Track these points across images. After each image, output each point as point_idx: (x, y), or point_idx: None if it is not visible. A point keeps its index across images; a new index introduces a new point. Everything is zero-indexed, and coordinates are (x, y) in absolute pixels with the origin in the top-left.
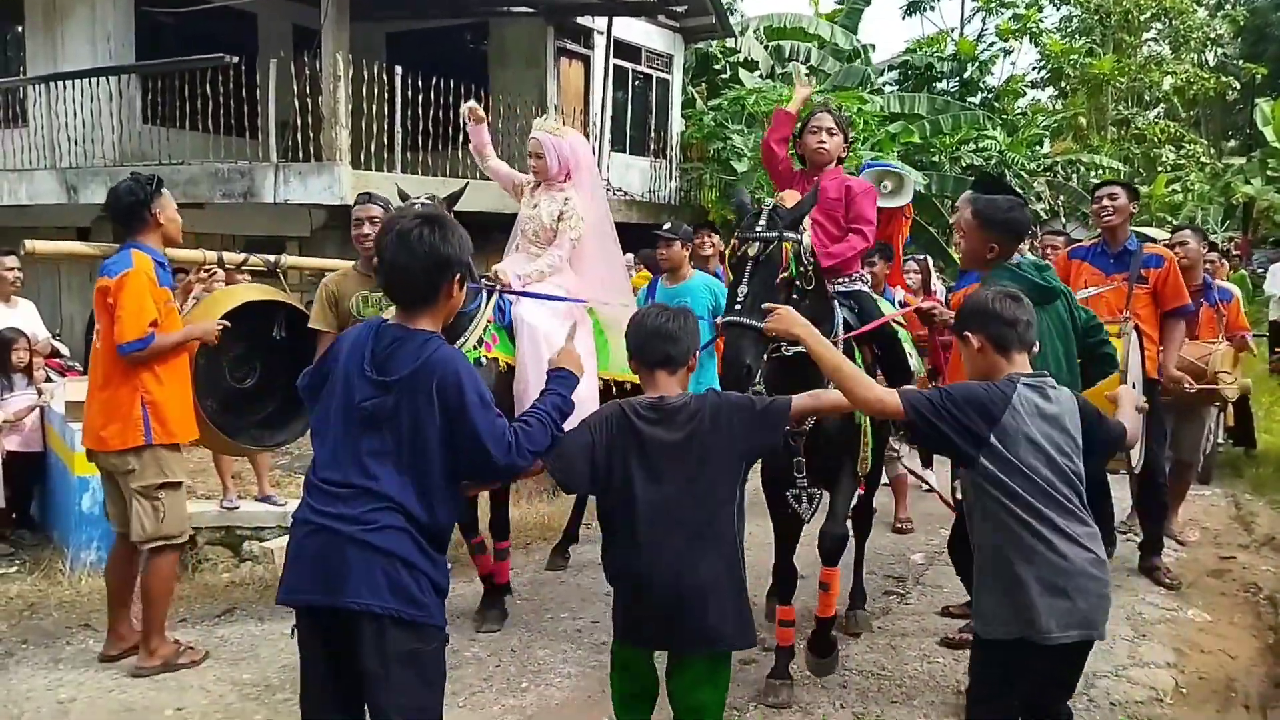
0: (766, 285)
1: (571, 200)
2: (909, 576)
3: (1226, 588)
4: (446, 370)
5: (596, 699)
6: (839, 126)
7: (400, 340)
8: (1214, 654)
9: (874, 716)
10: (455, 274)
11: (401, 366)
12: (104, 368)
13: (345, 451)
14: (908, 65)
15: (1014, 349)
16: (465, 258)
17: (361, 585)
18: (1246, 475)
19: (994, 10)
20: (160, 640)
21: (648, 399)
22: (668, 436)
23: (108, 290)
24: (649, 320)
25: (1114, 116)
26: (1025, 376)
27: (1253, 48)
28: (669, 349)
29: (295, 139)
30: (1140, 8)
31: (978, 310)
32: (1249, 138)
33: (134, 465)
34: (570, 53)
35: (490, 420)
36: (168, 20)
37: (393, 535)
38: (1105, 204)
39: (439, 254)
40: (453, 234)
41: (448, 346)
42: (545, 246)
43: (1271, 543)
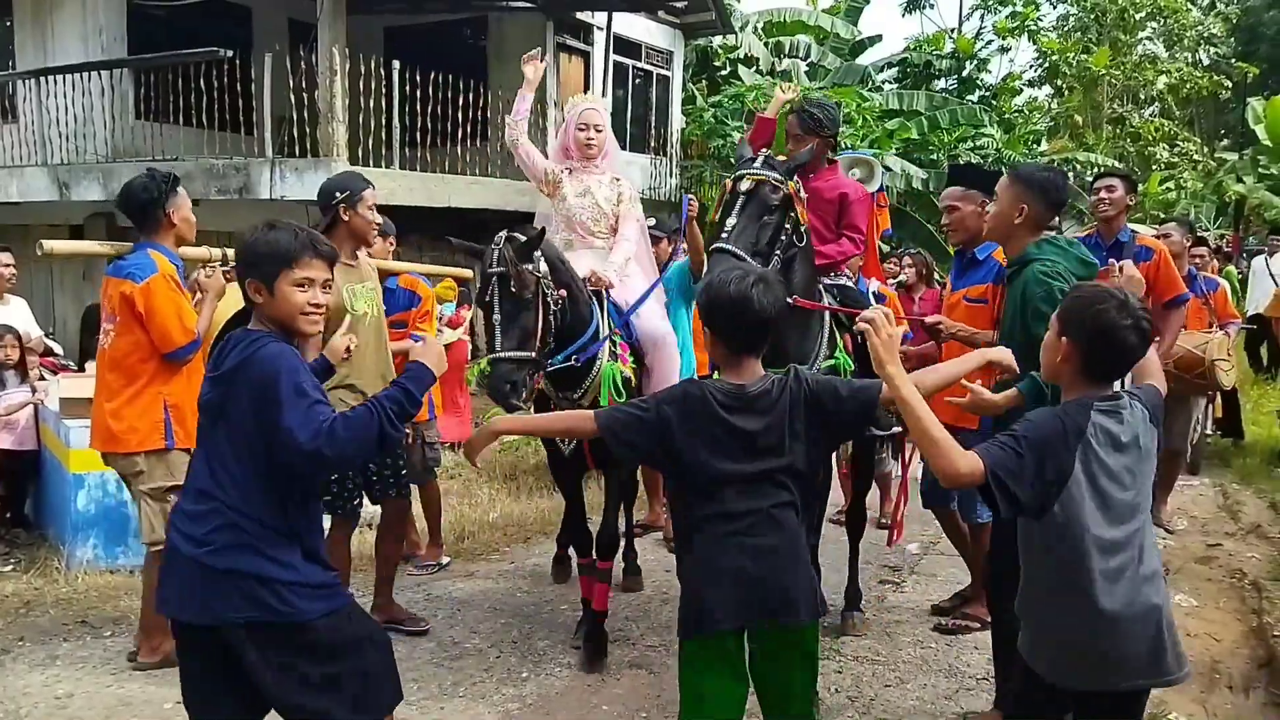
0: (754, 219)
1: (623, 181)
2: (904, 566)
3: (1213, 574)
4: (265, 363)
5: (596, 688)
6: (809, 131)
7: (237, 341)
8: (1201, 637)
9: (868, 700)
10: (246, 277)
11: (229, 361)
12: (122, 370)
13: (196, 458)
14: (907, 62)
15: (1103, 381)
16: (254, 260)
17: (214, 602)
18: (1234, 466)
19: (992, 8)
20: (163, 636)
21: (727, 385)
22: (749, 425)
23: (132, 296)
24: (731, 287)
25: (1109, 115)
26: (1099, 401)
27: (1245, 46)
28: (760, 341)
29: (291, 134)
30: (1136, 6)
31: (1094, 323)
32: (1241, 136)
33: (143, 467)
34: (570, 49)
35: (303, 408)
36: (160, 14)
37: (233, 554)
38: (1103, 196)
39: (241, 259)
40: (251, 239)
41: (276, 343)
42: (608, 233)
43: (1257, 531)
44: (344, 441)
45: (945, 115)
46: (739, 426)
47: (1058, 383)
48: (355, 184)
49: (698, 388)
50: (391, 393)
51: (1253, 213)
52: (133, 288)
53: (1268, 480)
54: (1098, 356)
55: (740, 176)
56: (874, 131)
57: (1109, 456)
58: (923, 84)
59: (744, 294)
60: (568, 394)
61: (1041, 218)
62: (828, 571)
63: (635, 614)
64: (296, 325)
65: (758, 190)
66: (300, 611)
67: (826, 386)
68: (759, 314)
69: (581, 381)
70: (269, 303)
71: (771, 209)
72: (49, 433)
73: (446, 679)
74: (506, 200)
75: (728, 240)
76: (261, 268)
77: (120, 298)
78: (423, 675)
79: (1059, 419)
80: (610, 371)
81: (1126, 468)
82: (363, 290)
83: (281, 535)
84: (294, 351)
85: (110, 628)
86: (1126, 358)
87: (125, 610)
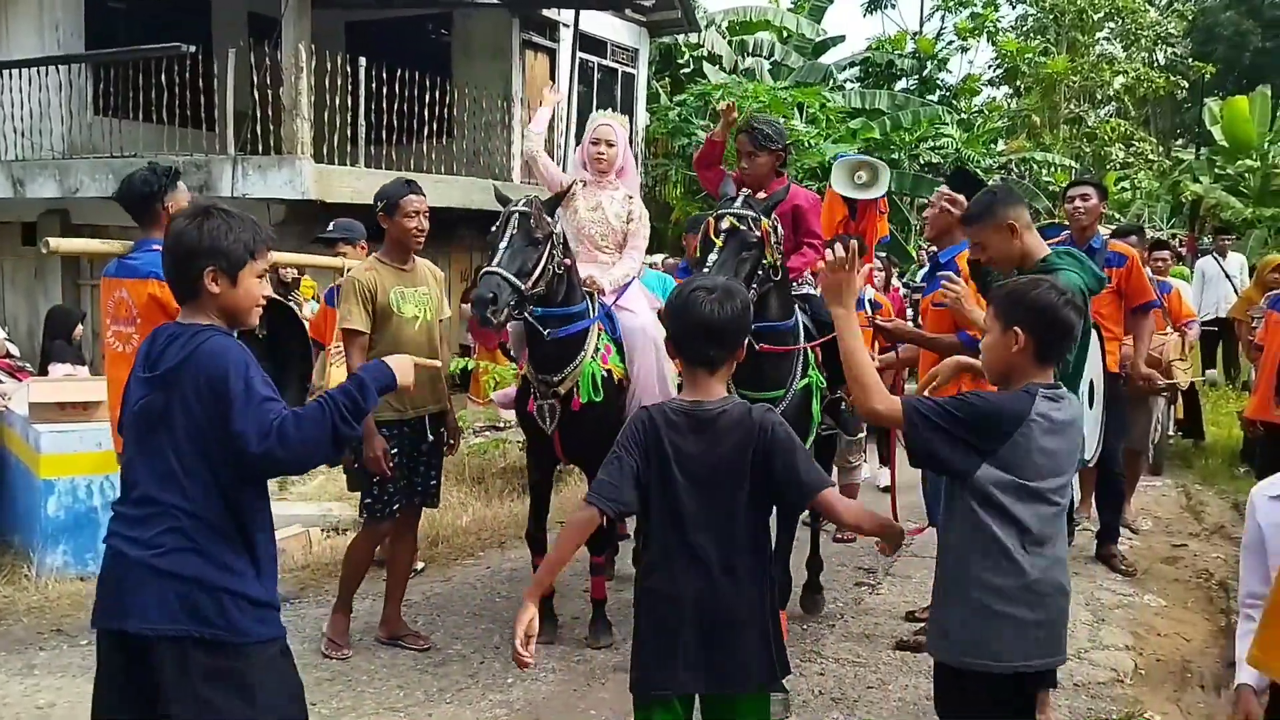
0: (734, 255)
1: (635, 200)
2: (879, 568)
3: (1180, 574)
4: (213, 359)
5: (582, 692)
6: (758, 146)
7: (174, 336)
8: (1170, 637)
9: (851, 701)
10: (205, 265)
11: (170, 360)
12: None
13: (134, 464)
14: (869, 62)
15: (1052, 364)
16: (222, 247)
17: (151, 609)
18: (1196, 466)
19: (953, 9)
20: None
21: (681, 404)
22: (699, 448)
23: (162, 295)
24: (694, 305)
25: (1066, 115)
26: (1044, 387)
27: (1202, 47)
28: (714, 351)
29: (254, 131)
30: (1094, 7)
31: (1039, 308)
32: (1197, 136)
33: None
34: (536, 45)
35: (253, 406)
36: (118, 7)
37: (179, 557)
38: (1078, 204)
39: (187, 245)
40: (205, 224)
41: (222, 337)
42: (614, 249)
43: (1221, 531)
44: (296, 442)
45: (907, 115)
46: (689, 451)
47: (1007, 378)
48: (395, 191)
49: (646, 413)
50: (345, 387)
51: (1208, 213)
52: (161, 286)
53: (1229, 481)
54: (1046, 338)
55: (722, 215)
56: (837, 131)
57: (1046, 439)
58: (884, 84)
59: (694, 301)
60: (548, 377)
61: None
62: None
63: (617, 619)
64: (249, 318)
65: (738, 229)
66: (238, 631)
67: (782, 448)
68: (705, 321)
69: (563, 366)
70: (228, 293)
71: (750, 246)
72: (15, 438)
73: (432, 685)
74: (472, 198)
75: (710, 275)
76: (229, 257)
77: (149, 299)
78: (408, 682)
79: (1002, 401)
80: (590, 369)
81: (1060, 449)
82: (414, 294)
83: (232, 541)
84: (239, 344)
85: (86, 635)
86: (1071, 334)
87: None
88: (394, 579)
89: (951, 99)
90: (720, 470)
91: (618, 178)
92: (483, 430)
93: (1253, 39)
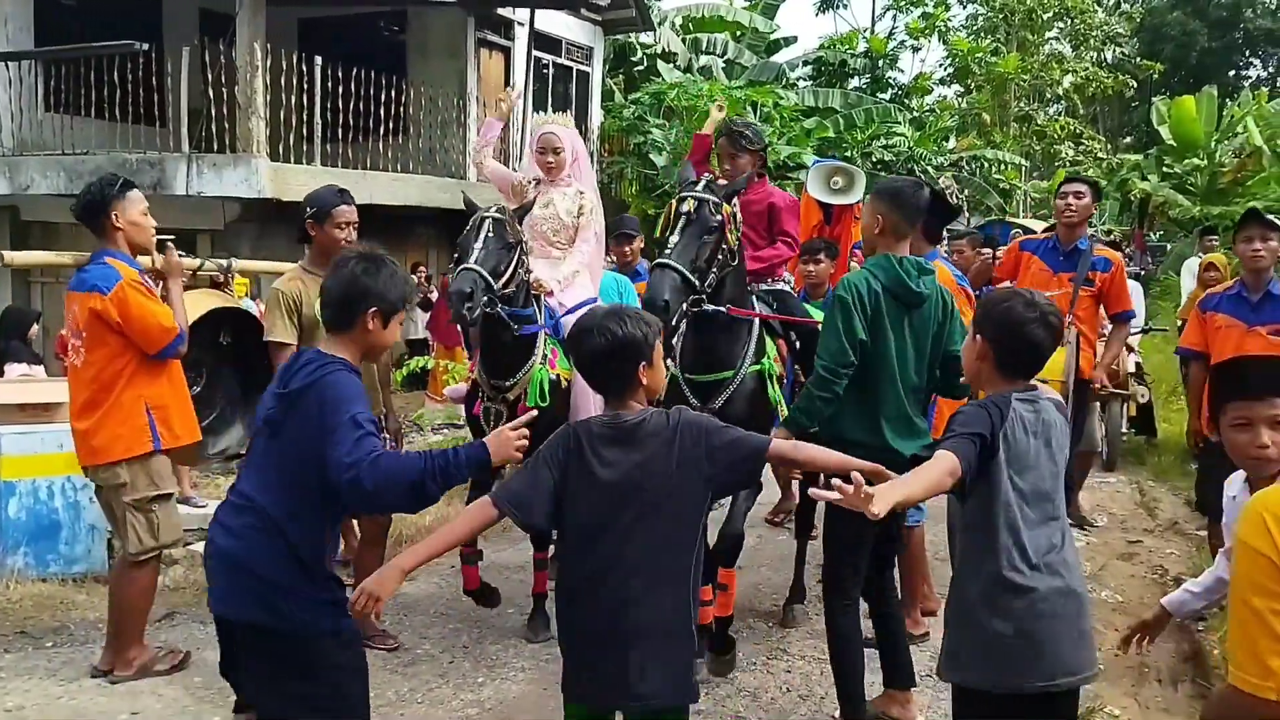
0: (695, 238)
1: (586, 194)
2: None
3: (1135, 570)
4: (331, 389)
5: (552, 691)
6: (740, 149)
7: (309, 361)
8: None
9: (818, 698)
10: (371, 307)
11: (300, 380)
12: (101, 383)
13: (250, 465)
14: (821, 61)
15: (1018, 375)
16: (390, 295)
17: (229, 594)
18: (1148, 463)
19: (904, 8)
20: (139, 649)
21: (603, 417)
22: (624, 459)
23: (105, 310)
24: (585, 343)
25: (1016, 113)
26: (1021, 392)
27: (1150, 46)
28: (608, 380)
29: (209, 129)
30: (1044, 6)
31: (1003, 319)
32: (1145, 135)
33: (125, 478)
34: (491, 44)
35: (352, 439)
36: (69, 3)
37: (258, 552)
38: (1070, 201)
39: (362, 286)
40: (382, 271)
41: (346, 374)
42: (567, 245)
43: (1174, 527)
44: (382, 478)
45: (860, 113)
46: (609, 459)
47: (978, 381)
48: (327, 199)
49: (571, 429)
50: (447, 454)
51: (1157, 211)
52: (102, 300)
53: (1181, 477)
54: (1009, 351)
55: (683, 198)
56: (792, 130)
57: (1027, 441)
58: (837, 83)
59: (580, 341)
60: (498, 382)
61: (898, 226)
62: (769, 572)
63: None
64: (379, 356)
65: (699, 211)
66: (305, 624)
67: (711, 431)
68: (591, 356)
69: (514, 372)
70: (378, 333)
71: (711, 229)
72: None
73: (403, 686)
74: (428, 197)
75: (669, 257)
76: (393, 305)
77: (90, 313)
78: (377, 682)
79: (984, 408)
80: (539, 375)
81: (1041, 453)
82: None
83: (305, 551)
84: (359, 384)
85: (51, 638)
86: (1037, 352)
87: (64, 620)
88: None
89: (903, 98)
90: (647, 478)
91: (571, 177)
92: (441, 428)
93: (1199, 39)
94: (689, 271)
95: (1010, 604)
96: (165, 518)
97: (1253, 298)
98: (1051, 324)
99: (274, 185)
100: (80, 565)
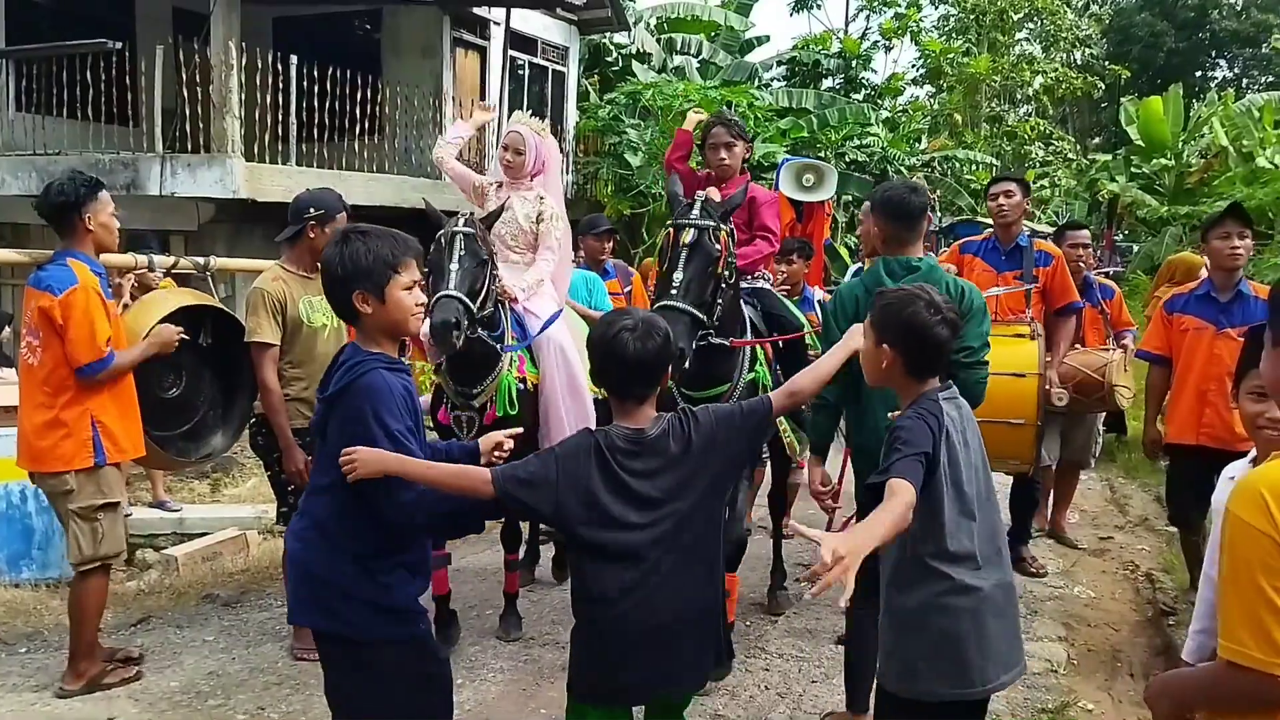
0: (700, 271)
1: (547, 200)
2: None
3: (1107, 566)
4: (359, 398)
5: (531, 692)
6: (735, 136)
7: (344, 361)
8: (1100, 628)
9: (796, 696)
10: (354, 289)
11: (334, 385)
12: (50, 385)
13: (311, 467)
14: (795, 61)
15: (929, 375)
16: (363, 269)
17: (293, 596)
18: (1119, 460)
19: (877, 9)
20: (89, 662)
21: (623, 431)
22: (650, 469)
23: (51, 309)
24: (621, 346)
25: (987, 114)
26: (942, 391)
27: (1118, 48)
28: (645, 389)
29: (183, 129)
30: (1014, 8)
31: (903, 323)
32: (1113, 135)
33: (72, 485)
34: (466, 43)
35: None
36: (40, 1)
37: (315, 555)
38: (1001, 201)
39: (333, 274)
40: (345, 251)
41: (377, 374)
42: (526, 250)
43: (1145, 523)
44: (425, 515)
45: (834, 113)
46: (640, 471)
47: (889, 387)
48: (334, 206)
49: (592, 438)
50: (462, 504)
51: (1125, 210)
52: (51, 301)
53: (1151, 474)
54: (916, 356)
55: (682, 226)
56: (767, 130)
57: (958, 441)
58: (811, 83)
59: (619, 342)
60: (465, 389)
61: (899, 234)
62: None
63: (561, 617)
64: (408, 328)
65: (700, 241)
66: (361, 629)
67: (720, 418)
68: (630, 359)
69: (481, 379)
70: (379, 311)
71: (715, 259)
72: None
73: None
74: (404, 197)
75: (677, 297)
76: (371, 278)
77: (39, 312)
78: None
79: (923, 419)
80: (507, 382)
81: (970, 448)
82: (322, 304)
83: (360, 547)
84: (390, 386)
85: (25, 644)
86: (942, 351)
87: (38, 625)
88: None
89: (876, 98)
90: (678, 483)
91: (533, 179)
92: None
93: (1166, 40)
94: (698, 311)
95: (961, 605)
96: (110, 528)
97: (1222, 298)
98: (952, 320)
99: (249, 185)
100: (54, 571)
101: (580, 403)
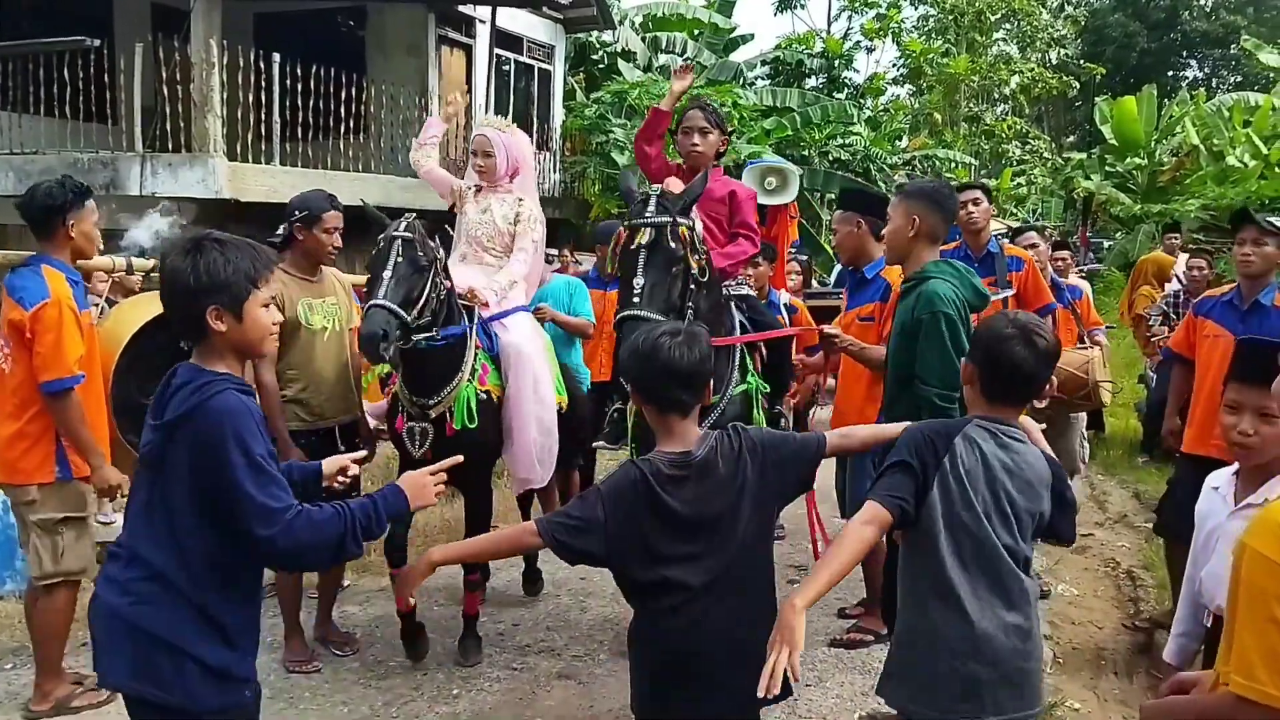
0: (662, 274)
1: (525, 201)
2: (809, 566)
3: (1089, 564)
4: (211, 422)
5: (527, 700)
6: (712, 124)
7: (184, 383)
8: (1083, 625)
9: (791, 699)
10: (207, 305)
11: (175, 409)
12: (20, 397)
13: (131, 507)
14: (779, 61)
15: (1005, 402)
16: (219, 282)
17: (113, 659)
18: (1097, 457)
19: (859, 10)
20: (54, 681)
21: (669, 456)
22: (700, 494)
23: (21, 324)
24: (658, 352)
25: (966, 113)
26: (982, 419)
27: (1093, 48)
28: (690, 397)
29: (164, 128)
30: (992, 9)
31: (984, 339)
32: (1088, 134)
33: (35, 496)
34: (452, 41)
35: (259, 485)
36: None
37: (148, 610)
38: (971, 210)
39: (183, 286)
40: (199, 262)
41: (229, 395)
42: (501, 253)
43: (1124, 520)
44: (303, 543)
45: (817, 112)
46: (689, 498)
47: (970, 407)
48: (318, 205)
49: (636, 469)
50: (364, 505)
51: (1099, 208)
52: (21, 314)
53: (1129, 471)
54: (991, 373)
55: (637, 227)
56: (751, 130)
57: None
58: (794, 82)
59: (660, 347)
60: (422, 400)
61: (935, 229)
62: None
63: (557, 624)
64: (263, 348)
65: (659, 240)
66: (188, 698)
67: (771, 441)
68: (674, 367)
69: (439, 389)
70: (235, 329)
71: (677, 258)
72: None
73: (377, 700)
74: (389, 196)
75: (640, 305)
76: (230, 291)
77: (10, 324)
78: (352, 697)
79: (922, 431)
80: (466, 393)
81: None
82: (322, 306)
83: (204, 605)
84: (248, 407)
85: (10, 659)
86: (1018, 372)
87: (24, 641)
88: (325, 594)
89: (858, 97)
90: (728, 508)
91: (512, 180)
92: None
93: (1139, 40)
94: (664, 317)
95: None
96: (72, 544)
97: (1244, 306)
98: (1035, 343)
99: (232, 185)
100: None
101: (546, 413)
